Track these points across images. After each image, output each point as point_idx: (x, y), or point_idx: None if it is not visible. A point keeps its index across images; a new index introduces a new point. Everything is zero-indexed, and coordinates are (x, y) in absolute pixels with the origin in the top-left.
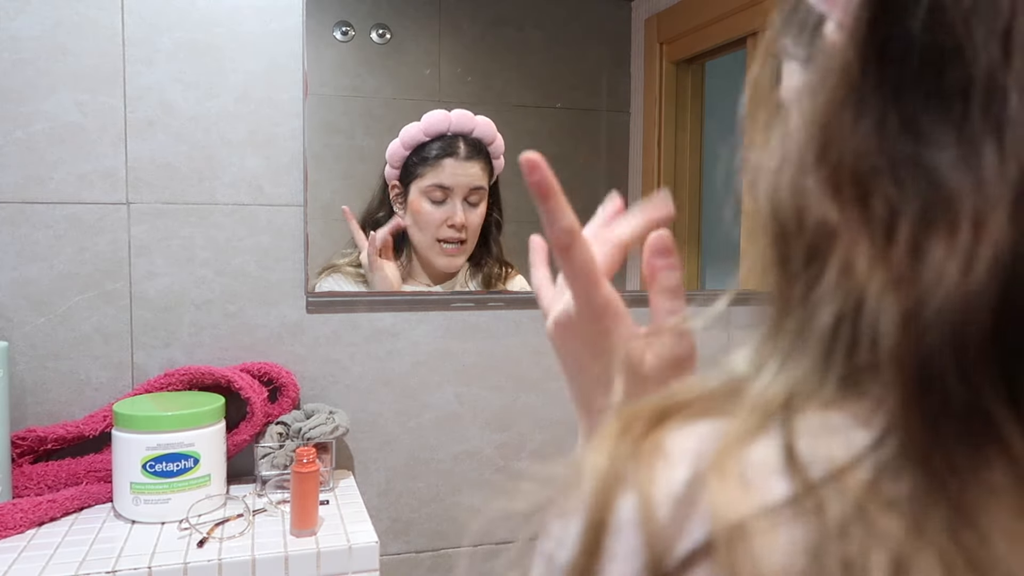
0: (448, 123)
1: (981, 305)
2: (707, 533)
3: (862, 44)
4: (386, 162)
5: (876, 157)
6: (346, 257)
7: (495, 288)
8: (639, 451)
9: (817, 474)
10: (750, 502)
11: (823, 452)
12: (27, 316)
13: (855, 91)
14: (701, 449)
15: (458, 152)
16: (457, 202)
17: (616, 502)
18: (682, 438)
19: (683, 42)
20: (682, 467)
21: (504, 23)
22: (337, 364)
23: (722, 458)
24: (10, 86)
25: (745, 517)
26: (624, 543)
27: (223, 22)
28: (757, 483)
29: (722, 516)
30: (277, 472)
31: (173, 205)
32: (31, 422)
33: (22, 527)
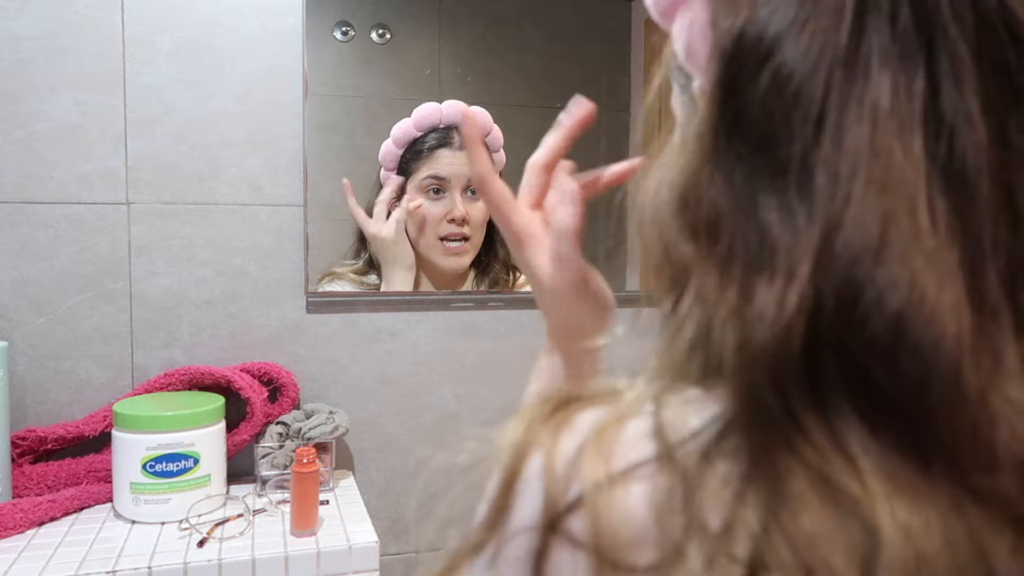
0: (440, 115)
1: (792, 337)
2: (579, 490)
3: (716, 118)
4: (381, 166)
5: (725, 210)
6: (347, 265)
7: None
8: (548, 424)
9: (675, 438)
10: (612, 466)
11: (681, 423)
12: (27, 316)
13: (712, 153)
14: (594, 425)
15: (452, 142)
16: (456, 194)
17: (528, 458)
18: (583, 417)
19: None
20: (577, 437)
21: (504, 23)
22: (337, 364)
23: (599, 433)
24: (10, 86)
25: (603, 479)
26: (531, 488)
27: (223, 22)
28: (623, 451)
29: (588, 477)
30: (277, 472)
31: (173, 205)
32: (31, 422)
33: (22, 527)
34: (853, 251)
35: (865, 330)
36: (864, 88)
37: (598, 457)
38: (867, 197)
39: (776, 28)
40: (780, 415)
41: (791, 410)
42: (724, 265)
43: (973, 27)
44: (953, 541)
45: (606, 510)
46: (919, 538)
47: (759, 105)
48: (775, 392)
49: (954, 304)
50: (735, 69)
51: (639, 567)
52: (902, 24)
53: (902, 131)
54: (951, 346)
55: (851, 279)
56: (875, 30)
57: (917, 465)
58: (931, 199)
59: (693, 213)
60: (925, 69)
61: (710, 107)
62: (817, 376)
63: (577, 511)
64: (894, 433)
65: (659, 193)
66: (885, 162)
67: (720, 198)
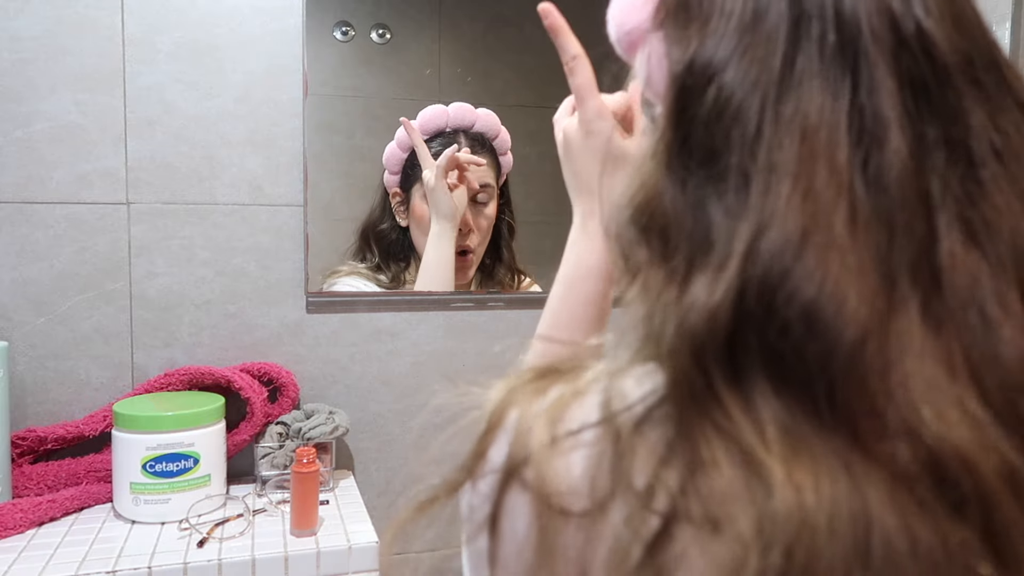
0: (446, 118)
1: (717, 321)
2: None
3: (670, 137)
4: (384, 168)
5: (674, 217)
6: (348, 265)
7: None
8: (528, 389)
9: (617, 407)
10: (559, 429)
11: (625, 395)
12: (27, 316)
13: (665, 169)
14: (563, 392)
15: (459, 148)
16: None
17: (507, 414)
18: (556, 388)
19: None
20: (543, 402)
21: (504, 23)
22: (337, 364)
23: (558, 401)
24: (10, 86)
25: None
26: (503, 439)
27: (223, 22)
28: (572, 417)
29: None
30: (277, 472)
31: (173, 205)
32: (31, 422)
33: (22, 527)
34: (776, 248)
35: (781, 316)
36: (795, 106)
37: (551, 421)
38: (792, 201)
39: (719, 56)
40: (703, 390)
41: (712, 385)
42: (669, 264)
43: (892, 48)
44: (837, 497)
45: (549, 464)
46: (806, 493)
47: (705, 123)
48: (699, 370)
49: (865, 294)
50: (685, 93)
51: (573, 512)
52: (829, 48)
53: (828, 143)
54: (856, 330)
55: (772, 272)
56: (805, 54)
57: (818, 431)
58: (852, 203)
59: (647, 223)
60: (850, 87)
61: (665, 128)
62: (738, 356)
63: (530, 462)
64: (800, 405)
65: (619, 208)
66: (810, 171)
67: (671, 207)
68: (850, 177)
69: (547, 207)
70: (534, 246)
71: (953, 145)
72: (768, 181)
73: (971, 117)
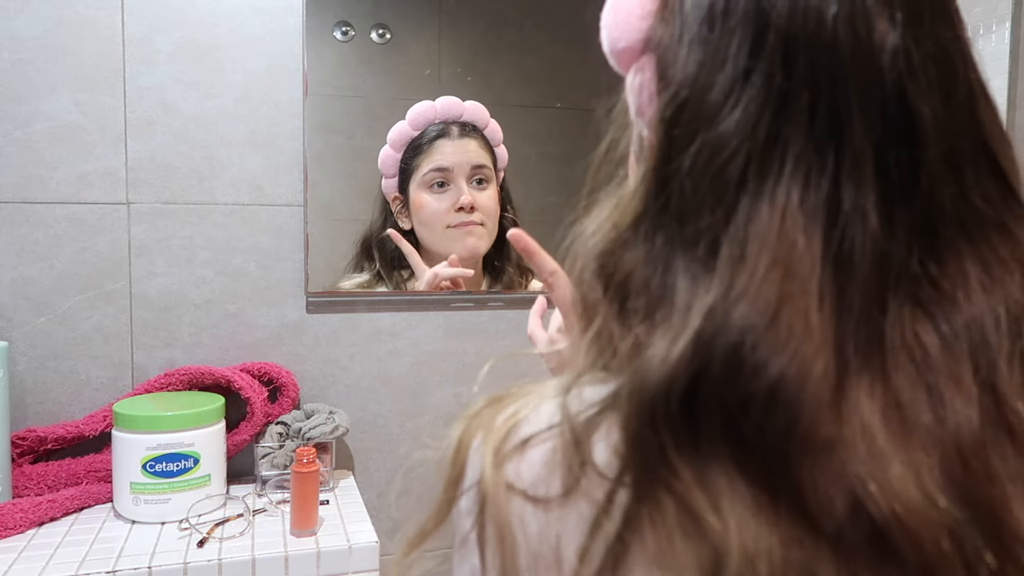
0: (434, 111)
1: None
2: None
3: (649, 182)
4: (382, 176)
5: (637, 272)
6: (353, 280)
7: None
8: (485, 413)
9: (573, 409)
10: (523, 432)
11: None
12: (27, 316)
13: (639, 218)
14: (525, 405)
15: (451, 132)
16: (461, 183)
17: (471, 438)
18: (512, 405)
19: None
20: (503, 416)
21: (504, 23)
22: (337, 364)
23: (517, 412)
24: (10, 86)
25: (517, 442)
26: (474, 457)
27: (223, 22)
28: (534, 421)
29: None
30: (277, 472)
31: (173, 205)
32: (31, 422)
33: (22, 527)
34: (748, 319)
35: (745, 387)
36: (776, 178)
37: (515, 426)
38: (769, 276)
39: (708, 110)
40: (656, 453)
41: (664, 448)
42: (626, 317)
43: (879, 129)
44: (789, 562)
45: (518, 463)
46: (759, 560)
47: (685, 179)
48: (653, 431)
49: (822, 369)
50: (670, 143)
51: (547, 498)
52: (816, 121)
53: (807, 223)
54: (812, 404)
55: (741, 343)
56: (793, 124)
57: (770, 501)
58: (822, 281)
59: (610, 271)
60: (833, 164)
61: (647, 171)
62: (695, 420)
63: (503, 464)
64: (755, 475)
65: (586, 243)
66: (788, 249)
67: (636, 262)
68: (823, 257)
69: (547, 207)
70: None
71: (918, 222)
72: (742, 251)
73: (942, 193)
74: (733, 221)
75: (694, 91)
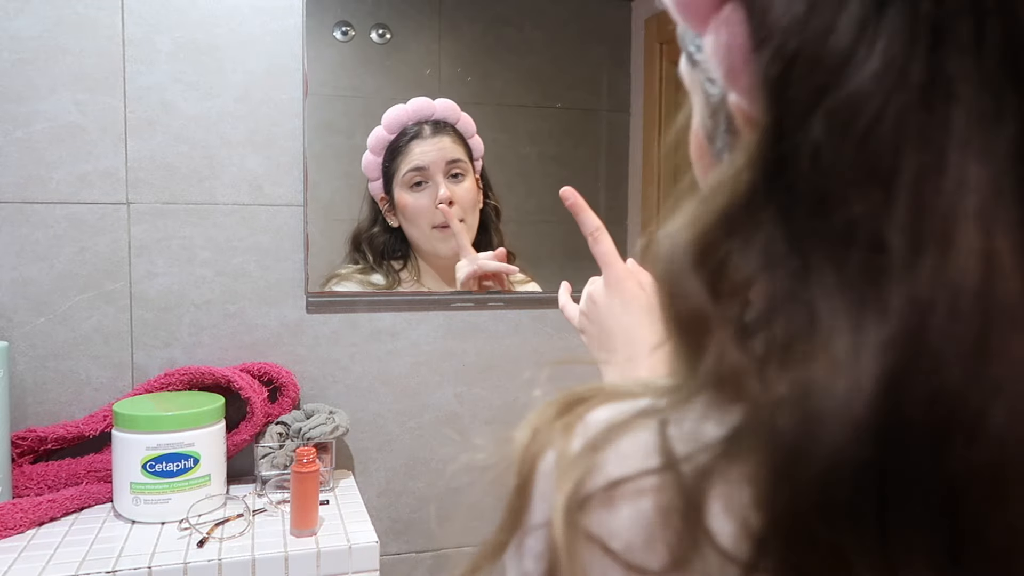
0: (406, 113)
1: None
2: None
3: (758, 163)
4: (367, 179)
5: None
6: (349, 268)
7: None
8: (558, 423)
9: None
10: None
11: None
12: (27, 316)
13: (748, 205)
14: (614, 418)
15: (423, 133)
16: (439, 179)
17: (539, 457)
18: (593, 416)
19: None
20: (587, 434)
21: (504, 23)
22: (337, 364)
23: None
24: (10, 86)
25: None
26: (543, 487)
27: (223, 22)
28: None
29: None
30: (277, 472)
31: (173, 205)
32: (31, 422)
33: (22, 527)
34: (946, 355)
35: (964, 456)
36: (945, 139)
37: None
38: (964, 287)
39: (833, 61)
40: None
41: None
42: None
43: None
44: None
45: (606, 513)
46: None
47: (812, 155)
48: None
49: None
50: (782, 107)
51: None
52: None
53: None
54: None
55: (942, 390)
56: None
57: None
58: None
59: (715, 270)
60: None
61: (754, 145)
62: (884, 510)
63: (585, 510)
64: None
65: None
66: (982, 236)
67: (752, 262)
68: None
69: (547, 207)
70: (534, 246)
71: None
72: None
73: None
74: (893, 207)
75: (807, 38)
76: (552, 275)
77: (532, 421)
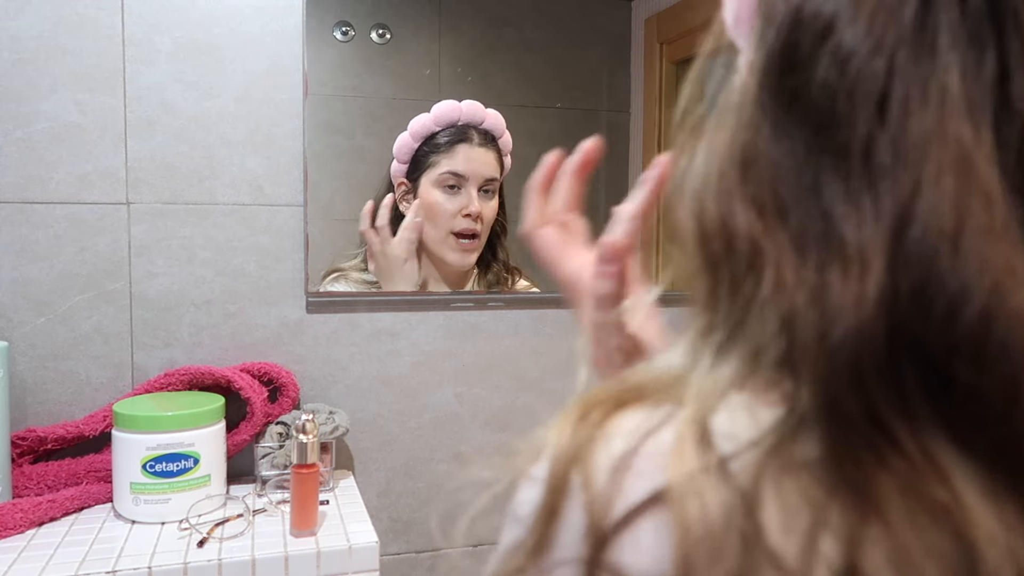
0: (459, 112)
1: (873, 334)
2: (652, 488)
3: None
4: (393, 158)
5: (790, 182)
6: (350, 260)
7: None
8: (594, 435)
9: (727, 448)
10: (654, 481)
11: (732, 431)
12: (27, 316)
13: (770, 117)
14: (642, 427)
15: (472, 138)
16: (472, 191)
17: (570, 477)
18: (627, 420)
19: (683, 42)
20: (620, 441)
21: (504, 23)
22: (337, 364)
23: (637, 443)
24: (10, 86)
25: (645, 498)
26: (570, 511)
27: (223, 22)
28: (664, 463)
29: (629, 497)
30: (277, 472)
31: (173, 205)
32: (31, 422)
33: (22, 527)
34: (929, 244)
35: (947, 331)
36: (931, 69)
37: (638, 473)
38: (940, 185)
39: (835, 5)
40: (863, 420)
41: (875, 414)
42: (798, 246)
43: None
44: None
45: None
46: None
47: (818, 87)
48: (858, 394)
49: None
50: (791, 48)
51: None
52: (972, 4)
53: (971, 116)
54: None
55: (929, 274)
56: (943, 8)
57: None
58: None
59: (757, 180)
60: (995, 52)
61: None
62: (900, 379)
63: (644, 516)
64: (984, 443)
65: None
66: (956, 148)
67: (784, 164)
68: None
69: None
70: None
71: None
72: (904, 159)
73: None
74: (885, 125)
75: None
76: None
77: (563, 429)
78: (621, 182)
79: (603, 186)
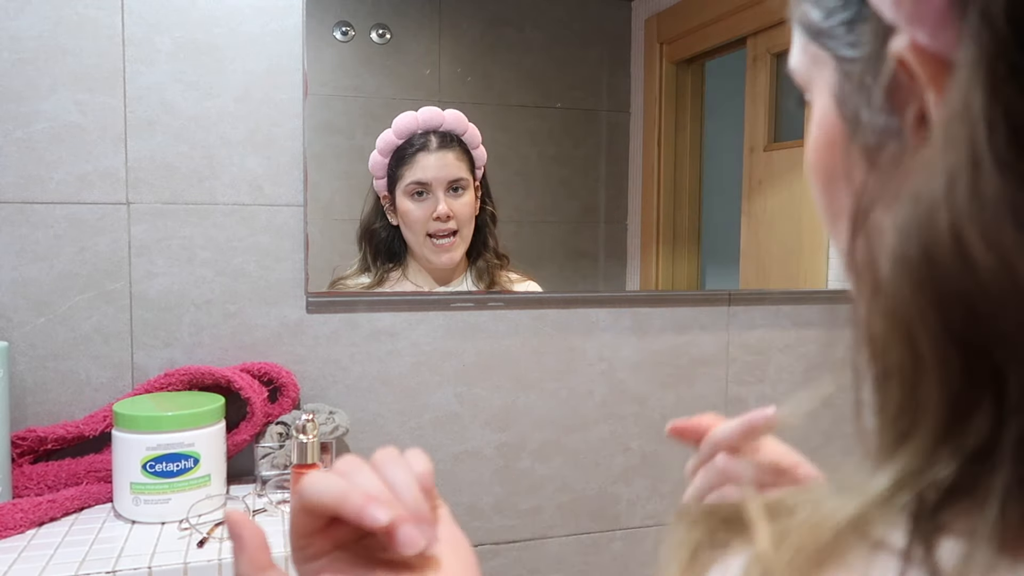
0: (416, 122)
1: None
2: None
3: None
4: (373, 177)
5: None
6: (349, 269)
7: (494, 280)
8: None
9: None
10: None
11: None
12: (27, 316)
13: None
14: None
15: (429, 145)
16: (439, 194)
17: None
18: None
19: (683, 42)
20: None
21: (504, 23)
22: (337, 364)
23: None
24: (10, 86)
25: None
26: None
27: (223, 22)
28: None
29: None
30: (277, 472)
31: (173, 205)
32: (31, 422)
33: (22, 527)
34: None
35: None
36: None
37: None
38: None
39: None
40: None
41: None
42: None
43: None
44: None
45: None
46: None
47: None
48: None
49: None
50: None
51: None
52: None
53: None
54: None
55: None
56: None
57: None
58: None
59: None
60: None
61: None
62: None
63: None
64: None
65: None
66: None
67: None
68: None
69: (547, 207)
70: (534, 246)
71: None
72: None
73: None
74: None
75: None
76: (552, 275)
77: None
78: (621, 182)
79: (603, 186)
